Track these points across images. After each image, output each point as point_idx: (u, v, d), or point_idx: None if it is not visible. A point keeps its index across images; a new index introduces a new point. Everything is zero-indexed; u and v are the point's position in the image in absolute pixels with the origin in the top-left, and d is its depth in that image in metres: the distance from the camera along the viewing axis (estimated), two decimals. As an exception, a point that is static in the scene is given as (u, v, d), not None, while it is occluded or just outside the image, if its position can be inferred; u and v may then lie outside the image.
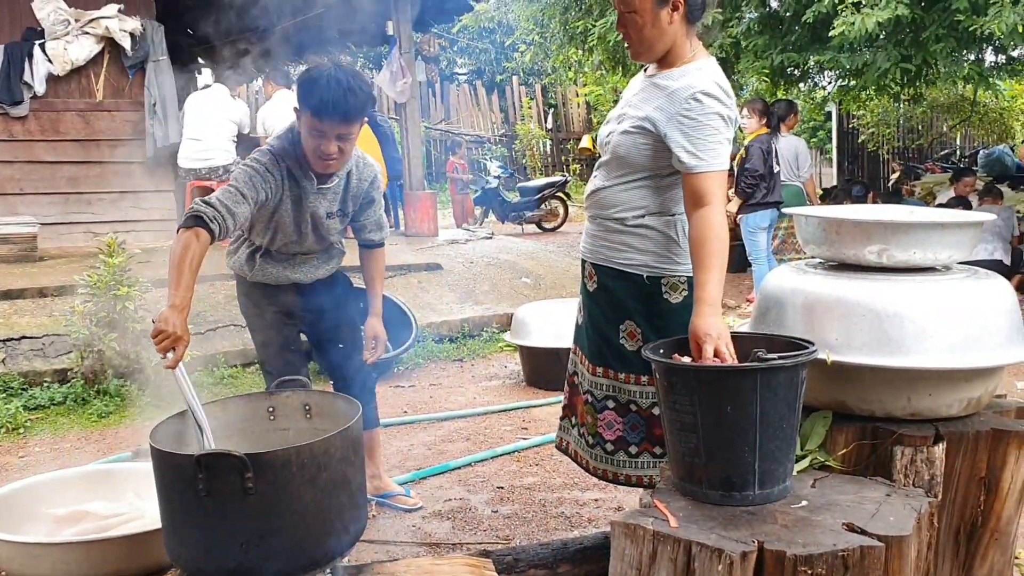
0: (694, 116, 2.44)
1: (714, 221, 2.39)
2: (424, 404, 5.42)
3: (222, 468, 2.21)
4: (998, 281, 2.51)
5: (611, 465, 2.77)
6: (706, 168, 2.42)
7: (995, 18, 6.40)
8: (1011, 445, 2.43)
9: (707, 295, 2.33)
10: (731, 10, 8.52)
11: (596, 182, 2.73)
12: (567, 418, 2.98)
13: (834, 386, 2.45)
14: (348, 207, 3.35)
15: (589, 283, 2.80)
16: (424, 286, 7.52)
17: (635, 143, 2.57)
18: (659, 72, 2.59)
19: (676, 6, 2.47)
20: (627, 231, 2.63)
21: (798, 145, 8.76)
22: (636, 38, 2.55)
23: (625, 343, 2.69)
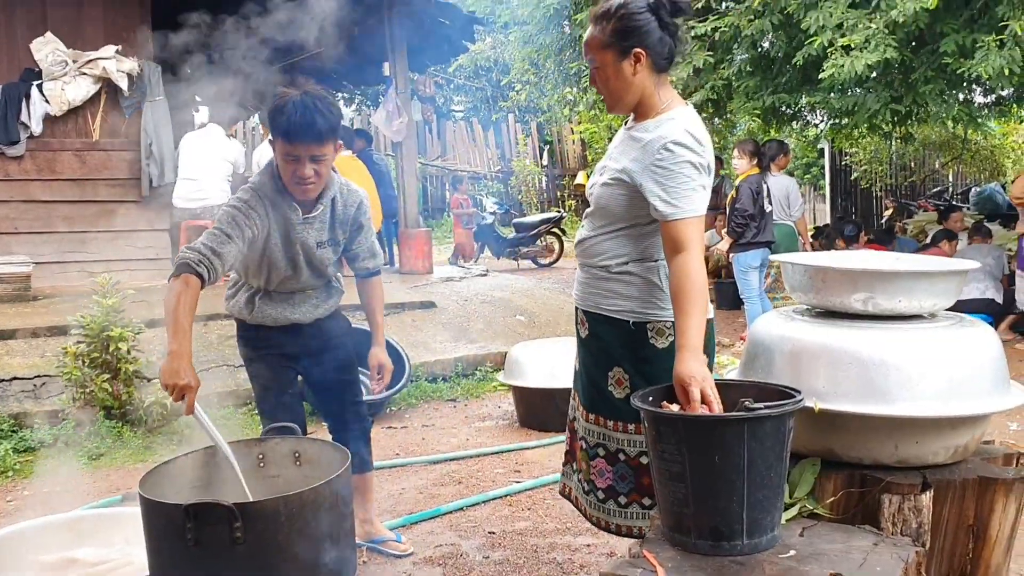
0: (666, 165, 2.47)
1: (692, 267, 2.41)
2: (416, 446, 5.40)
3: (210, 517, 2.22)
4: (983, 328, 2.53)
5: (603, 513, 2.78)
6: (681, 215, 2.45)
7: (982, 61, 6.50)
8: (998, 492, 2.43)
9: (688, 341, 2.34)
10: (722, 52, 8.62)
11: (583, 232, 2.77)
12: (568, 464, 2.99)
13: (822, 434, 2.46)
14: (338, 235, 3.38)
15: (582, 330, 2.83)
16: (418, 324, 7.53)
17: (614, 194, 2.61)
18: (635, 124, 2.63)
19: (638, 58, 2.51)
20: (612, 278, 2.67)
21: (789, 185, 8.83)
22: (605, 91, 2.61)
23: (613, 390, 2.70)
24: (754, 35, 8.10)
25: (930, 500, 2.38)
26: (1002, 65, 6.38)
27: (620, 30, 2.51)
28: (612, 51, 2.53)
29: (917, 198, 16.64)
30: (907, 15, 6.60)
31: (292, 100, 3.02)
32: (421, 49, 10.20)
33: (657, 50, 2.53)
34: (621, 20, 2.50)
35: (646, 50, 2.52)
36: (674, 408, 2.29)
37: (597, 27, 2.55)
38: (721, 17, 8.19)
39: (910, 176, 18.70)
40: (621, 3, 2.52)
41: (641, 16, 2.50)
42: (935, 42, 7.25)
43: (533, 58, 11.62)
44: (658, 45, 2.53)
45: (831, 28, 7.12)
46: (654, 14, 2.52)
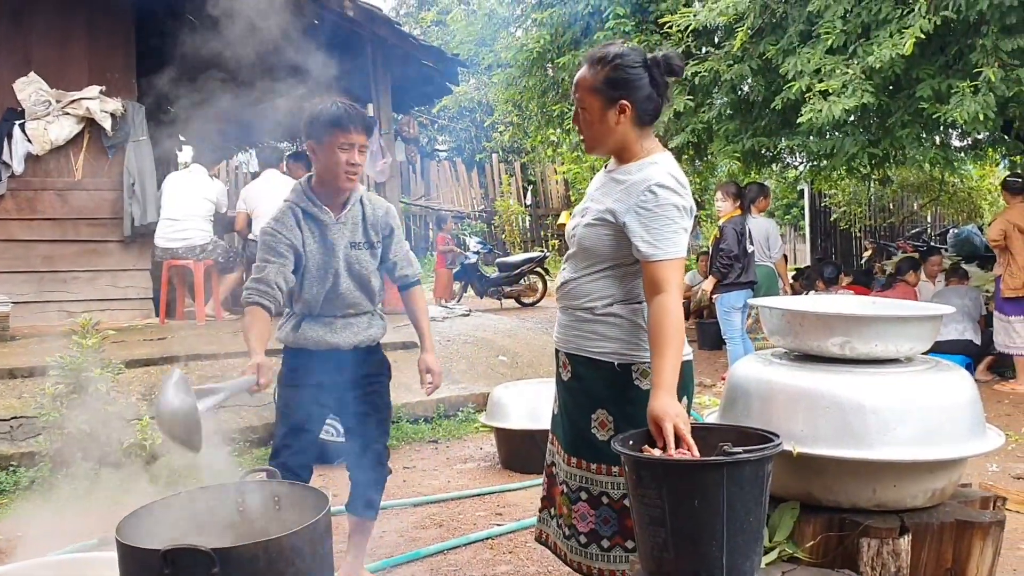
0: (650, 207, 2.50)
1: (670, 308, 2.44)
2: (397, 488, 5.36)
3: (188, 563, 2.19)
4: (959, 372, 2.56)
5: (585, 558, 2.76)
6: (662, 256, 2.48)
7: (957, 106, 6.61)
8: (976, 536, 2.45)
9: (663, 381, 2.36)
10: (703, 96, 8.74)
11: (565, 274, 2.78)
12: (546, 509, 2.97)
13: (801, 477, 2.48)
14: (371, 236, 3.47)
15: (564, 372, 2.82)
16: (399, 365, 7.43)
17: (598, 235, 2.63)
18: (617, 168, 2.68)
19: (623, 109, 2.57)
20: (596, 320, 2.67)
21: (769, 226, 8.91)
22: (586, 133, 2.67)
23: (597, 432, 2.69)
24: (734, 80, 8.22)
25: (908, 544, 2.40)
26: (976, 110, 6.49)
27: (611, 79, 2.56)
28: (599, 97, 2.58)
29: (896, 239, 16.82)
30: (883, 61, 6.71)
31: (329, 102, 3.28)
32: (405, 90, 10.27)
33: (643, 105, 2.59)
34: (615, 70, 2.56)
35: (633, 103, 2.57)
36: (655, 452, 2.30)
37: (591, 70, 2.60)
38: (701, 62, 8.30)
39: (889, 218, 18.92)
40: (619, 52, 2.58)
41: (634, 70, 2.56)
42: (911, 87, 7.38)
43: (516, 100, 11.73)
44: (645, 101, 2.59)
45: (809, 73, 7.23)
46: (647, 70, 2.57)
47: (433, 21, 21.21)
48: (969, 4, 6.45)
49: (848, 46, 7.24)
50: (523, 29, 11.71)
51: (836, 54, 7.25)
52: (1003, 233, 7.76)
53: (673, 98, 8.32)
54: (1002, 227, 7.81)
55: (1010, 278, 7.70)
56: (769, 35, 7.94)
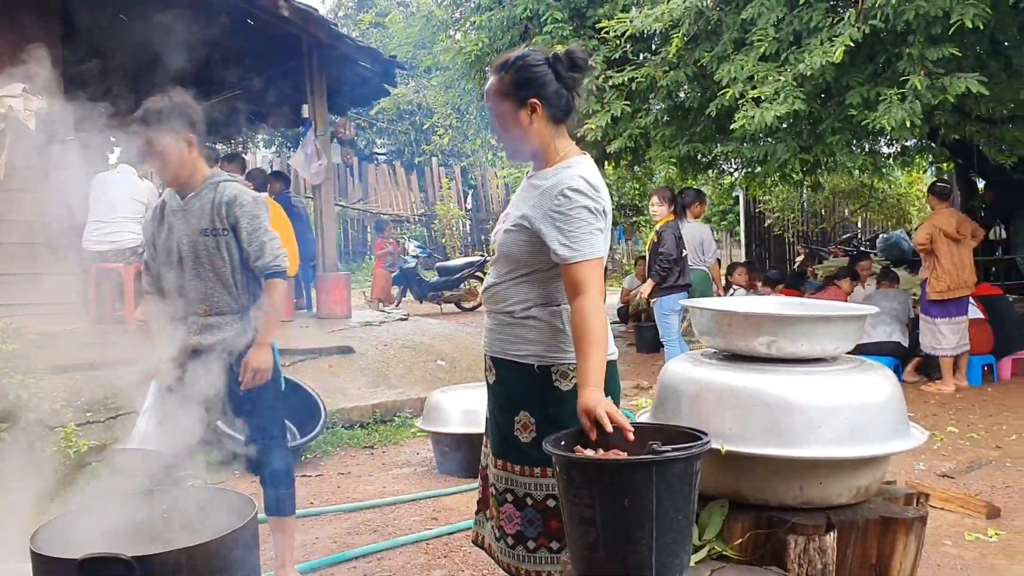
0: (563, 211, 2.54)
1: (591, 309, 2.47)
2: (332, 494, 5.30)
3: (107, 572, 2.13)
4: (882, 371, 2.60)
5: (513, 559, 2.77)
6: (580, 258, 2.52)
7: (885, 113, 6.76)
8: (899, 532, 2.50)
9: (590, 379, 2.41)
10: (640, 101, 8.81)
11: (489, 279, 2.81)
12: (481, 512, 2.98)
13: (730, 475, 2.50)
14: (216, 223, 3.47)
15: (490, 376, 2.84)
16: (335, 370, 7.43)
17: (516, 241, 2.67)
18: (536, 173, 2.73)
19: (533, 108, 2.62)
20: (517, 323, 2.70)
21: (703, 231, 9.03)
22: (504, 140, 2.74)
23: (519, 435, 2.71)
24: (670, 86, 8.31)
25: (834, 540, 2.43)
26: (903, 117, 6.65)
27: (517, 81, 2.62)
28: (510, 100, 2.64)
29: (827, 244, 17.17)
30: (814, 68, 6.84)
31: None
32: (341, 92, 10.19)
33: (553, 101, 2.64)
34: (519, 71, 2.62)
35: (542, 101, 2.62)
36: (587, 453, 2.30)
37: (497, 77, 2.66)
38: (638, 68, 8.38)
39: (821, 223, 19.31)
40: (520, 55, 2.66)
41: (538, 68, 2.62)
42: (841, 95, 7.53)
43: (455, 103, 11.73)
44: (554, 97, 2.63)
45: (742, 80, 7.34)
46: (551, 67, 2.63)
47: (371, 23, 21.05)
48: (896, 14, 6.61)
49: (780, 54, 7.36)
50: (462, 32, 11.69)
51: (769, 61, 7.37)
52: (930, 237, 7.95)
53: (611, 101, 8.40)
54: (929, 231, 8.01)
55: (936, 281, 7.90)
56: (704, 42, 8.04)
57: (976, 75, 6.69)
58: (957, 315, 7.95)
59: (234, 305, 3.53)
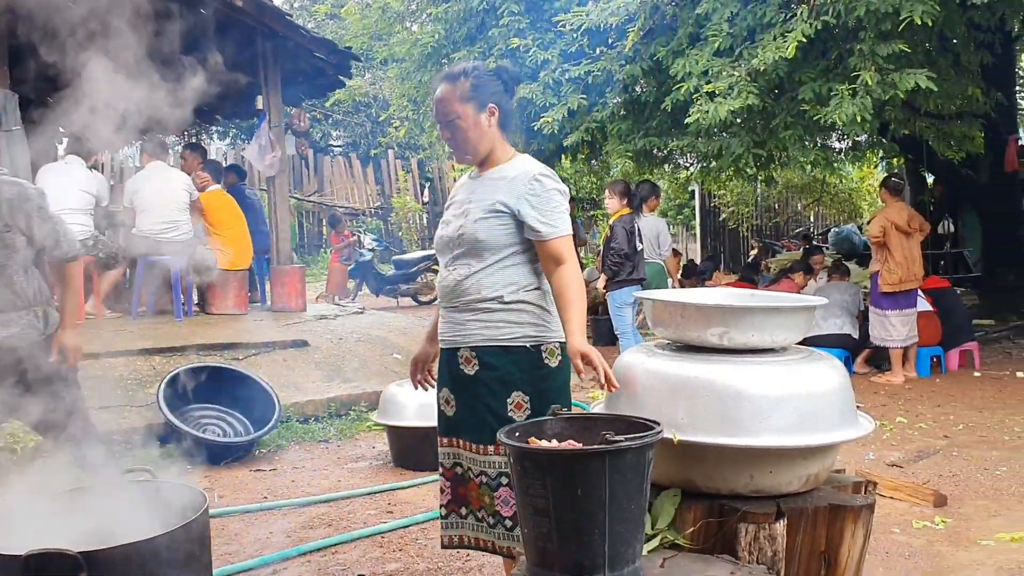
0: (538, 193, 2.79)
1: (572, 274, 2.75)
2: (286, 489, 5.26)
3: (54, 568, 2.10)
4: (831, 362, 2.64)
5: (512, 542, 2.84)
6: (558, 233, 2.78)
7: (836, 109, 6.85)
8: (847, 520, 2.54)
9: (576, 327, 2.67)
10: (596, 95, 8.84)
11: (458, 272, 2.87)
12: (453, 513, 2.99)
13: (682, 465, 2.52)
14: (3, 214, 3.45)
15: (467, 368, 2.88)
16: (289, 364, 7.36)
17: (492, 227, 2.82)
18: (487, 171, 2.93)
19: (492, 112, 2.86)
20: (506, 308, 2.83)
21: (659, 225, 9.08)
22: (461, 140, 2.89)
23: (514, 415, 2.81)
24: (626, 80, 8.35)
25: (784, 528, 2.46)
26: (854, 113, 6.75)
27: (476, 86, 2.85)
28: (472, 104, 2.84)
29: (781, 238, 17.39)
30: (767, 64, 6.92)
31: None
32: (296, 83, 10.08)
33: (504, 108, 2.90)
34: (478, 78, 2.86)
35: (498, 106, 2.87)
36: (541, 444, 2.31)
37: (453, 84, 2.86)
38: (594, 62, 8.40)
39: (774, 217, 19.55)
40: (474, 65, 2.92)
41: (492, 78, 2.90)
42: (794, 90, 7.62)
43: (411, 95, 11.64)
44: (505, 104, 2.91)
45: (697, 75, 7.40)
46: (499, 78, 2.92)
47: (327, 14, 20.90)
48: (848, 10, 6.71)
49: (734, 49, 7.43)
50: (418, 24, 11.64)
51: (723, 56, 7.44)
52: (882, 230, 8.07)
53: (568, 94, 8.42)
54: (881, 224, 8.13)
55: (888, 274, 8.03)
56: (660, 36, 8.09)
57: (925, 71, 6.81)
58: (907, 307, 8.09)
59: (18, 302, 3.53)
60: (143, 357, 6.72)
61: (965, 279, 12.87)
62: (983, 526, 4.37)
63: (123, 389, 6.28)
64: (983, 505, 4.71)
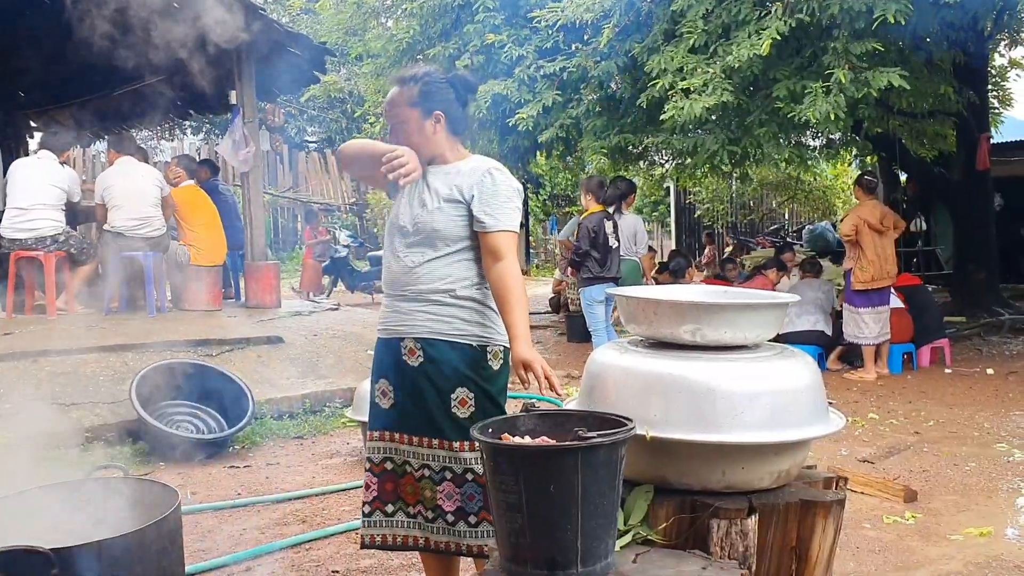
0: (489, 187, 2.82)
1: (511, 271, 2.76)
2: (260, 485, 5.24)
3: (24, 566, 2.08)
4: (803, 358, 2.66)
5: (453, 536, 2.85)
6: (501, 227, 2.79)
7: (810, 106, 6.90)
8: (818, 515, 2.56)
9: (520, 332, 2.71)
10: (571, 91, 8.85)
11: (411, 260, 2.86)
12: (378, 510, 2.96)
13: (655, 461, 2.53)
14: None
15: (411, 359, 2.87)
16: (264, 360, 7.33)
17: (448, 216, 2.83)
18: (440, 167, 2.93)
19: (438, 119, 2.87)
20: (455, 304, 2.83)
21: (636, 222, 9.12)
22: (406, 143, 2.87)
23: (458, 411, 2.82)
24: (601, 76, 8.36)
25: (756, 524, 2.48)
26: (828, 110, 6.80)
27: (425, 92, 2.86)
28: (417, 110, 2.86)
29: (755, 235, 17.49)
30: (742, 61, 6.96)
31: None
32: (270, 78, 10.01)
33: (454, 114, 2.91)
34: (427, 84, 2.87)
35: (445, 113, 2.88)
36: (514, 440, 2.31)
37: (403, 88, 2.88)
38: (569, 58, 8.41)
39: (749, 214, 19.66)
40: (426, 71, 2.92)
41: (442, 85, 2.90)
42: (768, 87, 7.67)
43: (387, 91, 11.61)
44: (455, 111, 2.92)
45: (672, 72, 7.43)
46: (452, 86, 2.92)
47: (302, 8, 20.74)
48: (822, 8, 6.76)
49: (709, 46, 7.47)
50: (393, 19, 11.60)
51: (698, 53, 7.47)
52: (855, 228, 8.13)
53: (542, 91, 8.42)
54: (854, 222, 8.19)
55: (860, 272, 8.09)
56: (635, 33, 8.11)
57: (898, 70, 6.88)
58: (880, 305, 8.16)
59: None
60: (115, 353, 6.66)
61: (937, 276, 13.00)
62: (952, 521, 4.43)
63: (95, 386, 6.22)
64: (952, 500, 4.77)
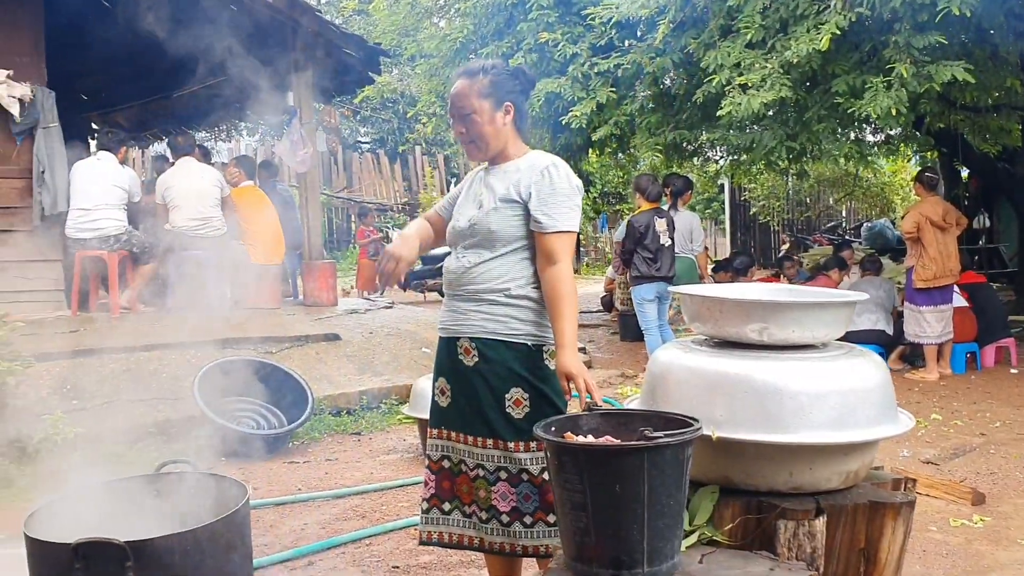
0: (548, 186, 2.78)
1: (564, 276, 2.74)
2: (319, 480, 5.30)
3: (101, 557, 2.13)
4: (872, 357, 2.62)
5: (508, 537, 2.84)
6: (558, 228, 2.76)
7: (871, 101, 6.78)
8: (888, 516, 2.52)
9: (566, 340, 2.69)
10: (625, 88, 8.80)
11: (467, 260, 2.87)
12: (435, 508, 2.98)
13: (720, 461, 2.51)
14: None
15: (466, 358, 2.88)
16: (322, 357, 7.41)
17: (504, 216, 2.82)
18: (499, 165, 2.93)
19: (508, 110, 2.87)
20: (510, 303, 2.82)
21: (692, 220, 9.05)
22: (476, 136, 2.88)
23: (512, 411, 2.81)
24: (656, 73, 8.30)
25: (823, 525, 2.44)
26: (889, 105, 6.67)
27: (495, 83, 2.86)
28: (489, 101, 2.85)
29: (812, 233, 17.24)
30: (801, 56, 6.85)
31: None
32: (326, 80, 10.13)
33: (520, 108, 2.91)
34: (497, 75, 2.87)
35: (514, 105, 2.88)
36: (577, 439, 2.31)
37: (472, 79, 2.87)
38: (623, 55, 8.36)
39: (806, 212, 19.38)
40: (493, 63, 2.93)
41: (509, 77, 2.91)
42: (827, 82, 7.55)
43: (439, 91, 11.64)
44: (521, 105, 2.92)
45: (729, 67, 7.34)
46: (517, 79, 2.93)
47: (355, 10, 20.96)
48: (883, 1, 6.62)
49: (767, 41, 7.37)
50: (446, 19, 11.63)
51: (755, 49, 7.37)
52: (916, 225, 7.98)
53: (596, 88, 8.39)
54: (915, 219, 8.03)
55: (922, 269, 7.94)
56: (690, 29, 8.03)
57: (962, 63, 6.71)
58: (942, 303, 7.99)
59: None
60: (178, 350, 6.78)
61: (1001, 274, 12.71)
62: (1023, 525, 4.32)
63: (158, 382, 6.35)
64: (1023, 504, 4.66)
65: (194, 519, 2.51)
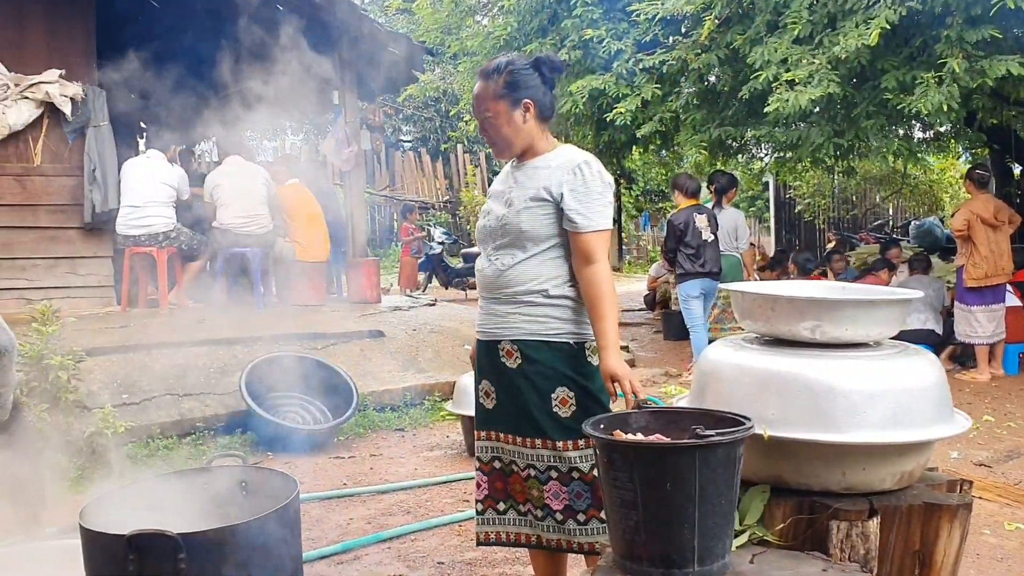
0: (581, 183, 2.74)
1: (603, 275, 2.72)
2: (364, 476, 5.33)
3: (154, 548, 2.16)
4: (926, 357, 2.57)
5: (563, 534, 2.84)
6: (593, 227, 2.73)
7: (921, 97, 6.66)
8: (943, 518, 2.47)
9: (608, 341, 2.67)
10: (670, 84, 8.75)
11: (501, 262, 2.85)
12: (490, 508, 2.98)
13: (772, 460, 2.48)
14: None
15: (508, 361, 2.86)
16: (366, 354, 7.46)
17: (535, 216, 2.79)
18: (528, 161, 2.88)
19: (527, 108, 2.82)
20: (549, 303, 2.80)
21: (738, 217, 8.97)
22: (497, 136, 2.86)
23: (559, 410, 2.80)
24: (701, 69, 8.24)
25: (877, 526, 2.40)
26: (940, 101, 6.55)
27: (511, 83, 2.81)
28: (505, 101, 2.81)
29: (859, 231, 17.01)
30: (849, 51, 6.75)
31: None
32: (370, 78, 10.19)
33: (542, 101, 2.84)
34: (512, 74, 2.81)
35: (534, 101, 2.82)
36: (627, 437, 2.30)
37: (488, 81, 2.83)
38: (669, 51, 8.31)
39: (852, 209, 19.14)
40: (508, 60, 2.85)
41: (527, 72, 2.83)
42: (876, 78, 7.44)
43: (480, 88, 11.68)
44: (543, 97, 2.85)
45: (776, 63, 7.26)
46: (537, 70, 2.85)
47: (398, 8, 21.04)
48: (934, -5, 6.51)
49: (815, 36, 7.27)
50: (489, 17, 11.65)
51: (803, 44, 7.28)
52: (967, 223, 7.85)
53: (641, 84, 8.35)
54: (966, 217, 7.90)
55: (973, 268, 7.80)
56: (736, 25, 7.96)
57: (1016, 57, 6.57)
58: (994, 302, 7.85)
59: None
60: (224, 346, 6.87)
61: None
62: (1079, 529, 4.23)
63: (205, 377, 6.43)
64: (1078, 507, 4.56)
65: (245, 513, 2.54)
